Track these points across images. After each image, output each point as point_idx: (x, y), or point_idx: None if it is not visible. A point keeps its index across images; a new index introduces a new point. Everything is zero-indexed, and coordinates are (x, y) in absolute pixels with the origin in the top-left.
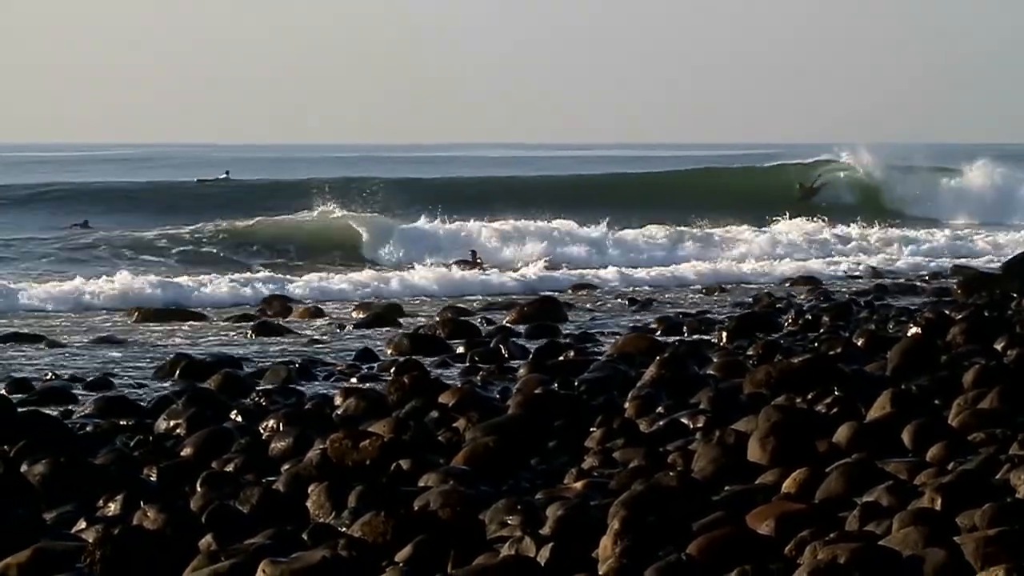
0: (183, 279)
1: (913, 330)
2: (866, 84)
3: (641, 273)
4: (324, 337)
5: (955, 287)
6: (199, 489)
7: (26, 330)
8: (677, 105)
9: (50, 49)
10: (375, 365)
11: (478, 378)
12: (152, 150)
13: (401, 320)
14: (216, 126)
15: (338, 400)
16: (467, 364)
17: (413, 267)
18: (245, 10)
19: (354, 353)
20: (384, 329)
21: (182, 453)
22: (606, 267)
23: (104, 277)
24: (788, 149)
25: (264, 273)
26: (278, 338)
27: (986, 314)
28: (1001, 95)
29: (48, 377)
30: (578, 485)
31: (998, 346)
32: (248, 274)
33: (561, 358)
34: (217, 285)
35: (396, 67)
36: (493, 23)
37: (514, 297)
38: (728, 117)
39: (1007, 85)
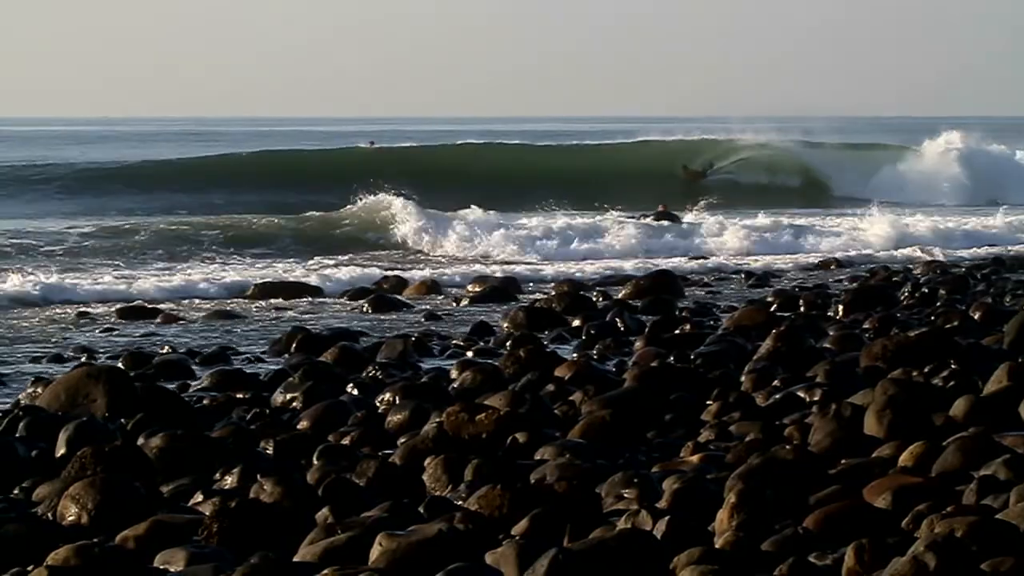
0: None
1: None
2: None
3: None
4: (440, 311)
5: None
6: (316, 462)
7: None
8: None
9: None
10: (491, 339)
11: (594, 351)
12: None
13: (518, 294)
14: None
15: (454, 373)
16: (583, 338)
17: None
18: None
19: (470, 327)
20: (500, 303)
21: (299, 426)
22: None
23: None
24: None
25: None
26: (394, 312)
27: None
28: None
29: (165, 351)
30: (694, 458)
31: None
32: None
33: (677, 331)
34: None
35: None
36: None
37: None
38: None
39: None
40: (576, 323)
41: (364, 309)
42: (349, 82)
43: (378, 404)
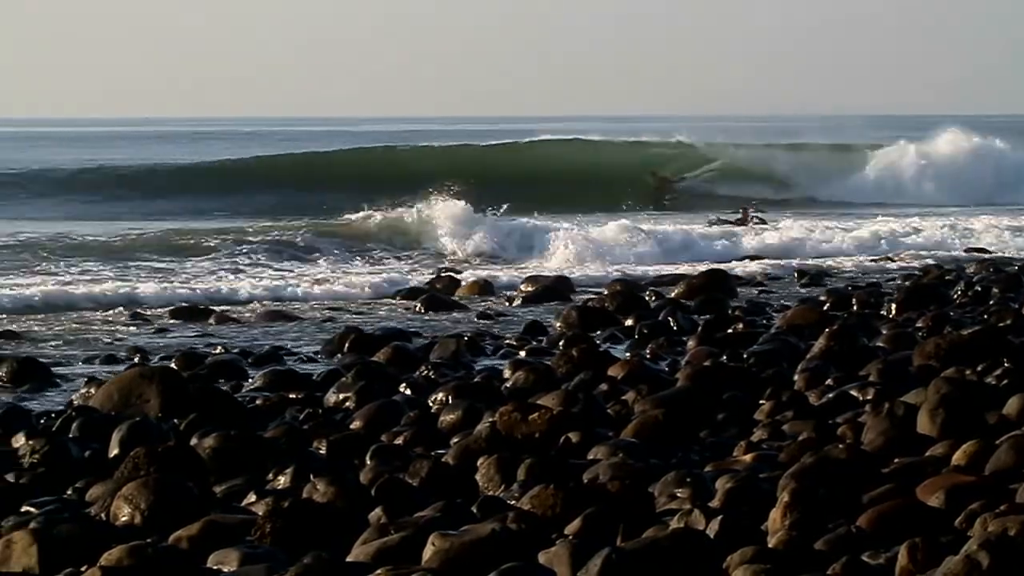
0: None
1: None
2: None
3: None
4: (493, 311)
5: None
6: (369, 462)
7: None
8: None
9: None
10: (544, 338)
11: (647, 351)
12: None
13: (570, 294)
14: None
15: (507, 373)
16: (636, 337)
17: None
18: None
19: (523, 326)
20: (553, 303)
21: (352, 426)
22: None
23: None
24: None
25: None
26: (447, 312)
27: None
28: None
29: (218, 351)
30: (747, 458)
31: None
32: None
33: (730, 331)
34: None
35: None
36: None
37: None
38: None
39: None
40: (629, 322)
41: (417, 309)
42: (380, 81)
43: (431, 404)
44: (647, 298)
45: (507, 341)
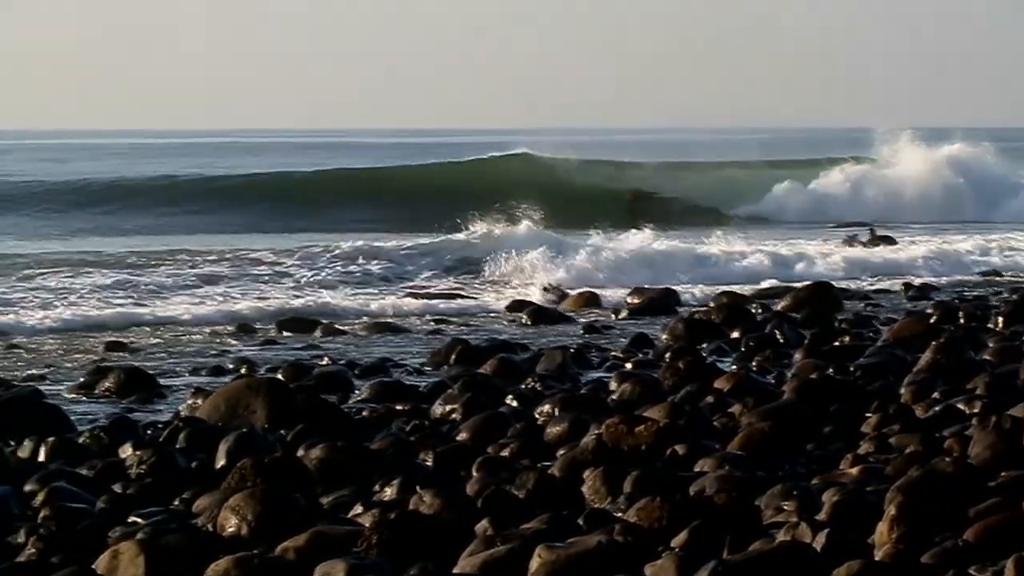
0: None
1: None
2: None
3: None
4: (599, 323)
5: None
6: (475, 474)
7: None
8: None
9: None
10: (650, 351)
11: (753, 363)
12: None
13: (677, 306)
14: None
15: (613, 385)
16: (742, 349)
17: None
18: None
19: (629, 339)
20: (659, 316)
21: (458, 438)
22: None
23: None
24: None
25: None
26: (553, 324)
27: None
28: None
29: (324, 363)
30: (854, 471)
31: None
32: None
33: (837, 343)
34: None
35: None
36: None
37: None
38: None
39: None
40: (735, 335)
41: (523, 321)
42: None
43: (537, 416)
44: (754, 311)
45: (613, 353)
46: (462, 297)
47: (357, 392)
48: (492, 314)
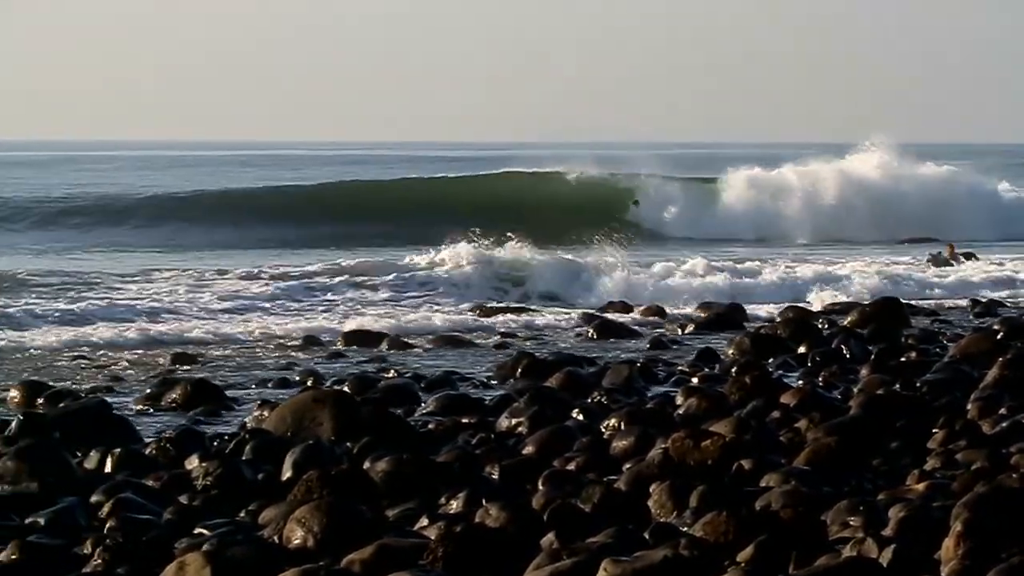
0: None
1: None
2: None
3: None
4: (666, 338)
5: None
6: (541, 487)
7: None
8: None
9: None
10: (717, 365)
11: (820, 378)
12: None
13: (743, 321)
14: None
15: (680, 399)
16: (809, 365)
17: None
18: None
19: (695, 353)
20: (725, 330)
21: (524, 451)
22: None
23: None
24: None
25: None
26: (619, 338)
27: None
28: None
29: (390, 375)
30: (920, 486)
31: None
32: None
33: (903, 359)
34: None
35: None
36: None
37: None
38: None
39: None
40: (802, 350)
41: (589, 335)
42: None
43: (603, 429)
44: (820, 326)
45: (679, 368)
46: (527, 312)
47: (423, 405)
48: (558, 328)
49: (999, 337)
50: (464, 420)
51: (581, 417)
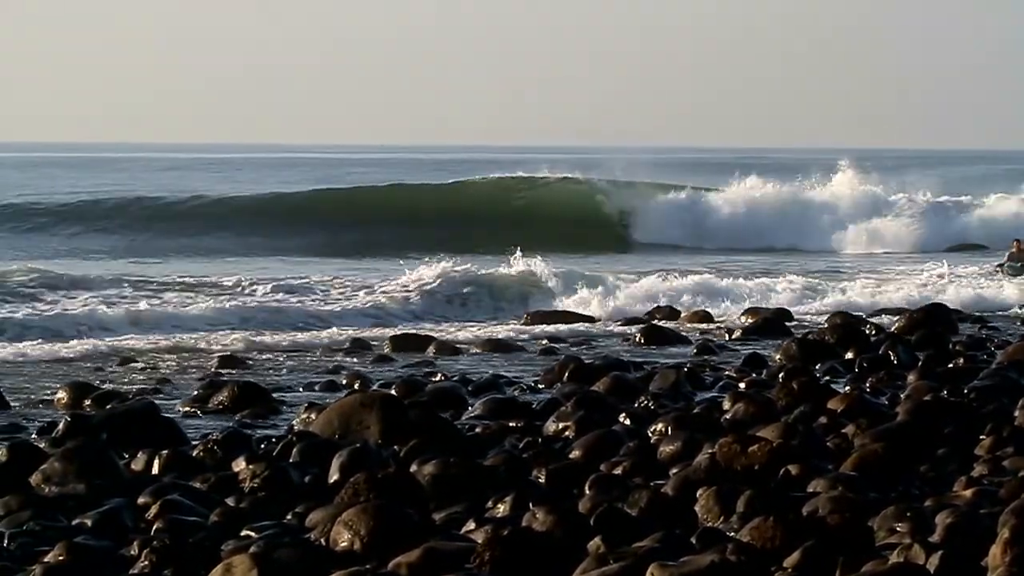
0: None
1: None
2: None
3: None
4: (713, 343)
5: None
6: (588, 491)
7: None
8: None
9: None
10: (764, 371)
11: (867, 384)
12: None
13: (790, 326)
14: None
15: (727, 404)
16: (856, 370)
17: None
18: None
19: (743, 358)
20: (773, 336)
21: (571, 455)
22: None
23: None
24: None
25: None
26: (666, 343)
27: None
28: None
29: (438, 379)
30: (967, 493)
31: None
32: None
33: (951, 365)
34: None
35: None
36: None
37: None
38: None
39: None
40: (849, 356)
41: (637, 339)
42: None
43: (650, 434)
44: (867, 332)
45: (727, 373)
46: (574, 317)
47: (470, 408)
48: (605, 333)
49: None
50: (511, 424)
51: (628, 422)
